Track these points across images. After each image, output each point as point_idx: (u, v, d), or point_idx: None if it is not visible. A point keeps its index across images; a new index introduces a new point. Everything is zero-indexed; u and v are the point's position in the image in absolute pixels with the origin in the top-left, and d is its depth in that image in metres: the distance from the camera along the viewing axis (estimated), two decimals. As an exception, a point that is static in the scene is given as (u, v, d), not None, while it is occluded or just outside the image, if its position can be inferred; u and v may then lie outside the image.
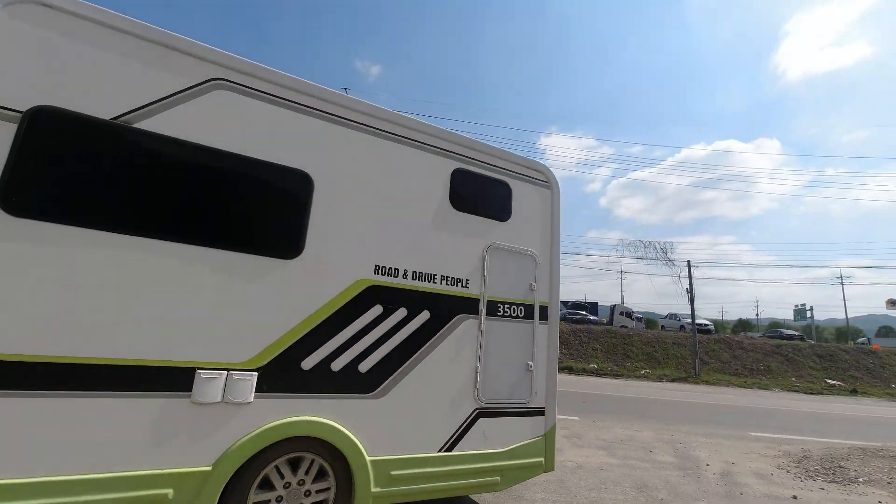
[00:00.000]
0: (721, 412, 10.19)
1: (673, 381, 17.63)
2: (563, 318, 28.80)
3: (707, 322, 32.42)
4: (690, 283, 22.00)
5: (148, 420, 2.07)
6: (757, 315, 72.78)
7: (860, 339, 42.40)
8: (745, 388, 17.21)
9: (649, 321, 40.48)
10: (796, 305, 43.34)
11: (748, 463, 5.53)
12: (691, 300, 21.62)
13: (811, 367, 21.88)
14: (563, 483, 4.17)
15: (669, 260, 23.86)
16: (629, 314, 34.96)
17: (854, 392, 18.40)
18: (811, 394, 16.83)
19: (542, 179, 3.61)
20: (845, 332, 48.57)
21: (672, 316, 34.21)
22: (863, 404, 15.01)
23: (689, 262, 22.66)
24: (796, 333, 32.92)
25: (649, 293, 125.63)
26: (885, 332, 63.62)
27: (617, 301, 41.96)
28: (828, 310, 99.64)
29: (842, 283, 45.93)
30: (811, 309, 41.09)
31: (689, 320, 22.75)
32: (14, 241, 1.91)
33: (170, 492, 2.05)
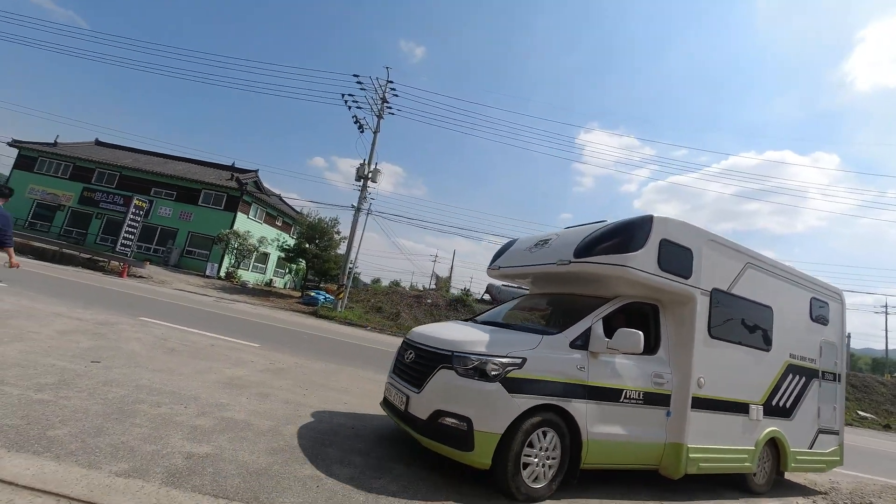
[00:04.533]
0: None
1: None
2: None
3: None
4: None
5: (739, 426, 4.37)
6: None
7: (899, 374, 39.47)
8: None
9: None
10: (834, 330, 40.28)
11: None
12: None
13: (846, 390, 20.55)
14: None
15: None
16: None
17: (888, 427, 17.11)
18: (845, 417, 15.69)
19: (839, 297, 5.90)
20: (883, 363, 45.43)
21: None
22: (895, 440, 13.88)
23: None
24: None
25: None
26: (926, 369, 58.71)
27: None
28: (866, 339, 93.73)
29: (886, 312, 42.71)
30: (849, 336, 38.56)
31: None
32: (712, 347, 4.16)
33: (747, 457, 4.40)
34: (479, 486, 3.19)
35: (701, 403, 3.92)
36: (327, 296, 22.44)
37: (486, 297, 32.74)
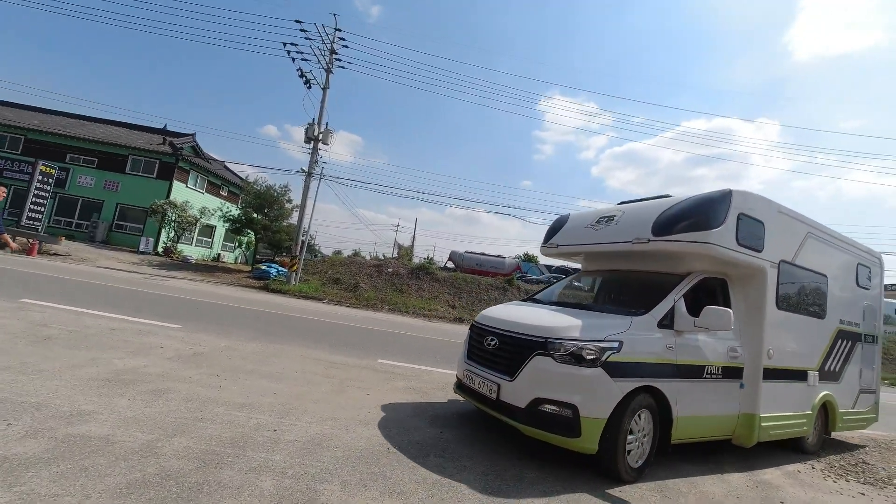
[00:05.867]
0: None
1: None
2: (547, 282, 28.25)
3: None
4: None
5: (799, 393, 4.51)
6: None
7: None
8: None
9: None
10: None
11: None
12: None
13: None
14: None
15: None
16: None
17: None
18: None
19: (879, 262, 6.02)
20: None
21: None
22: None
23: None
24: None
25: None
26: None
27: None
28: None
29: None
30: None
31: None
32: (779, 319, 4.23)
33: (805, 421, 4.56)
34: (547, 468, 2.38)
35: (770, 374, 4.06)
36: (280, 269, 20.81)
37: (450, 264, 32.19)
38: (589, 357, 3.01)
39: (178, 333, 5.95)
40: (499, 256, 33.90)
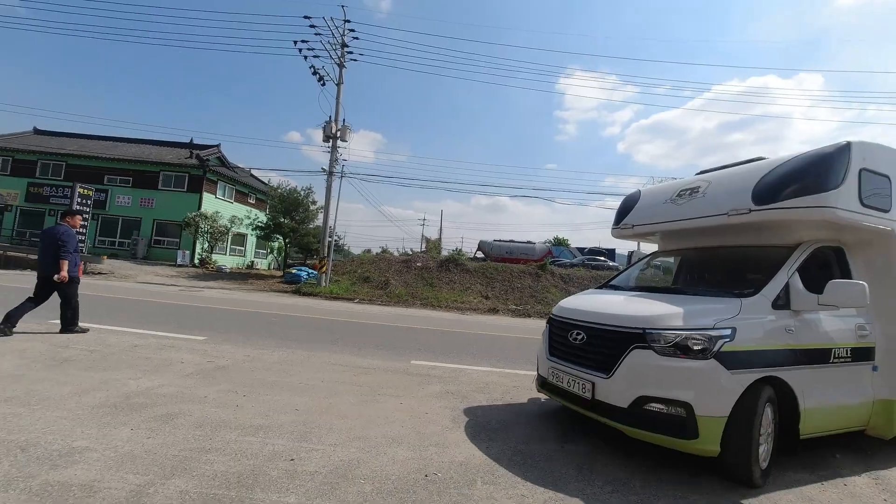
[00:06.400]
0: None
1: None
2: (581, 265, 27.08)
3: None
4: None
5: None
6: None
7: None
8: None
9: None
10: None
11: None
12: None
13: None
14: None
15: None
16: (650, 261, 32.89)
17: None
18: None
19: None
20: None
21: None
22: None
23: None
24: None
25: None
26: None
27: (633, 249, 39.83)
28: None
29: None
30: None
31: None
32: None
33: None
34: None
35: None
36: (310, 272, 20.89)
37: (479, 254, 31.49)
38: (697, 348, 2.71)
39: (201, 346, 5.69)
40: (528, 242, 32.87)
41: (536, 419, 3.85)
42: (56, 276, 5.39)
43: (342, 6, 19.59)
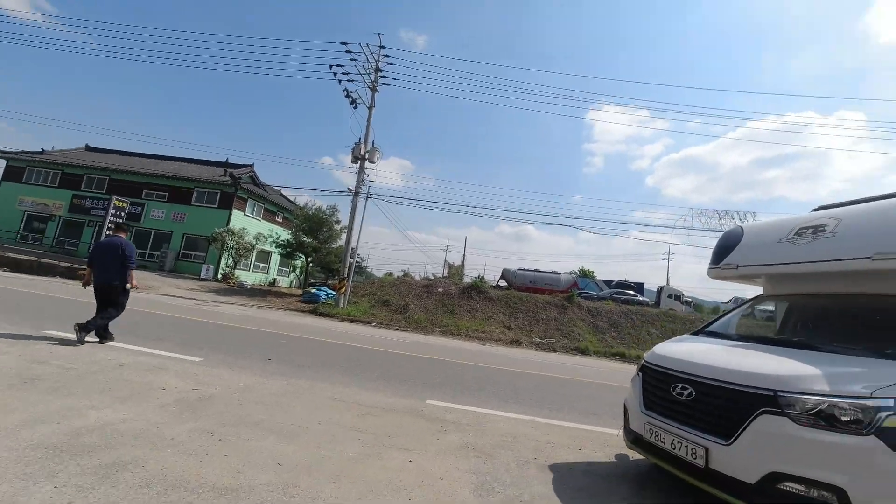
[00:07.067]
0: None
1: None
2: (609, 298, 25.63)
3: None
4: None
5: None
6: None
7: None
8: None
9: (697, 307, 36.31)
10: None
11: None
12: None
13: None
14: None
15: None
16: (678, 297, 31.11)
17: None
18: None
19: None
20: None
21: (737, 301, 30.01)
22: None
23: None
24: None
25: (694, 277, 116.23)
26: None
27: (661, 283, 37.87)
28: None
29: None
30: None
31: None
32: None
33: None
34: None
35: None
36: (329, 292, 20.49)
37: (502, 283, 30.47)
38: (847, 419, 2.26)
39: (194, 369, 5.09)
40: (554, 272, 31.67)
41: (584, 495, 2.96)
42: (128, 285, 5.86)
43: (378, 33, 20.09)
